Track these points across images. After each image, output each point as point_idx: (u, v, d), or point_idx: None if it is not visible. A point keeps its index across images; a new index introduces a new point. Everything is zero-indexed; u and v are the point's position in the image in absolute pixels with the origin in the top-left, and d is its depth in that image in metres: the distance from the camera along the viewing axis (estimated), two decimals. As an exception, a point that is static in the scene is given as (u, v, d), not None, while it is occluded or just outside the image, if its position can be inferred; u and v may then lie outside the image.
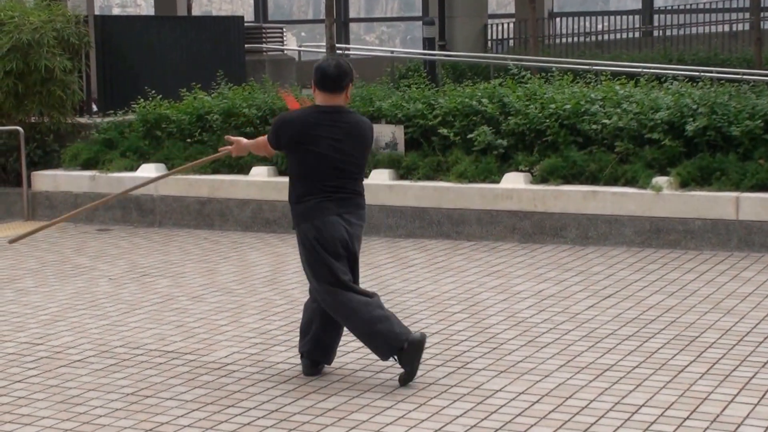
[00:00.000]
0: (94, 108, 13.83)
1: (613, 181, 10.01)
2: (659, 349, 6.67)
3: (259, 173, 11.27)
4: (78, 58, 13.06)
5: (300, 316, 7.59)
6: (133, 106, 12.75)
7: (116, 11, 33.37)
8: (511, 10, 24.42)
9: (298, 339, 6.55)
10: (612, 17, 22.97)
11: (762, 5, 17.62)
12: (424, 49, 18.77)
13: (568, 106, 10.48)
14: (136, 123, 12.45)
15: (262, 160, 11.20)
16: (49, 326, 7.55)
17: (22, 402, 5.97)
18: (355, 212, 6.17)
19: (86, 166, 12.21)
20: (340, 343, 6.96)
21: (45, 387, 6.21)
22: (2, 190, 12.64)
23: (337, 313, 6.14)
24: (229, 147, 6.70)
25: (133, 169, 11.88)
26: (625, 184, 9.95)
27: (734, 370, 6.22)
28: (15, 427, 5.58)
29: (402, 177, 10.84)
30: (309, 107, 6.29)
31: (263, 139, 6.44)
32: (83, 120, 13.26)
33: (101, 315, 7.83)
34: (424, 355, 6.60)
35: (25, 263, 9.73)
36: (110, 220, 11.79)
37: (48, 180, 12.23)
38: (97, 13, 14.29)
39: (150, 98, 12.61)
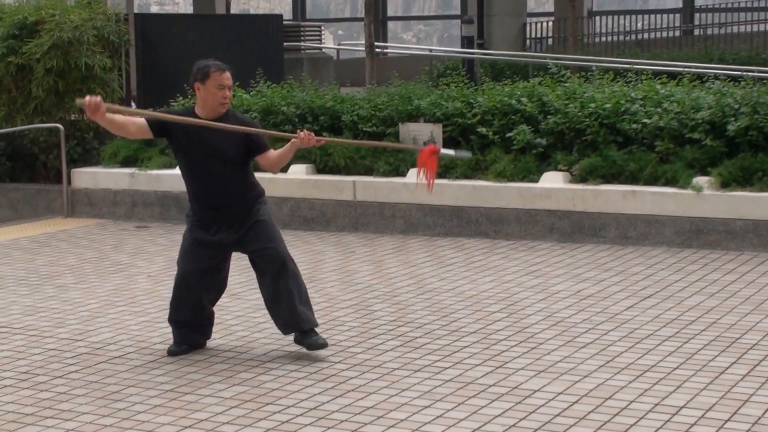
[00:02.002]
0: (134, 106, 13.89)
1: (653, 181, 9.94)
2: (700, 350, 6.62)
3: (298, 171, 11.29)
4: (118, 56, 13.15)
5: (339, 314, 7.60)
6: (172, 103, 12.80)
7: (154, 9, 33.53)
8: (550, 8, 24.32)
9: (316, 331, 6.61)
10: (652, 16, 22.84)
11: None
12: (462, 47, 18.74)
13: (608, 106, 10.43)
14: (175, 121, 12.48)
15: (301, 159, 11.21)
16: (88, 322, 7.59)
17: (62, 398, 6.01)
18: None
19: (125, 163, 12.29)
20: (381, 341, 6.97)
21: (85, 383, 6.24)
22: (42, 187, 12.74)
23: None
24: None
25: (172, 166, 11.91)
26: (665, 184, 9.88)
27: (776, 372, 6.18)
28: (56, 423, 5.62)
29: (440, 176, 10.80)
30: None
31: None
32: (123, 117, 13.31)
33: (140, 312, 7.87)
34: (463, 354, 6.60)
35: (65, 260, 9.80)
36: (149, 217, 11.85)
37: (88, 177, 12.30)
38: (136, 11, 14.33)
39: (189, 96, 12.65)
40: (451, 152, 7.31)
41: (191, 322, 6.77)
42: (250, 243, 6.61)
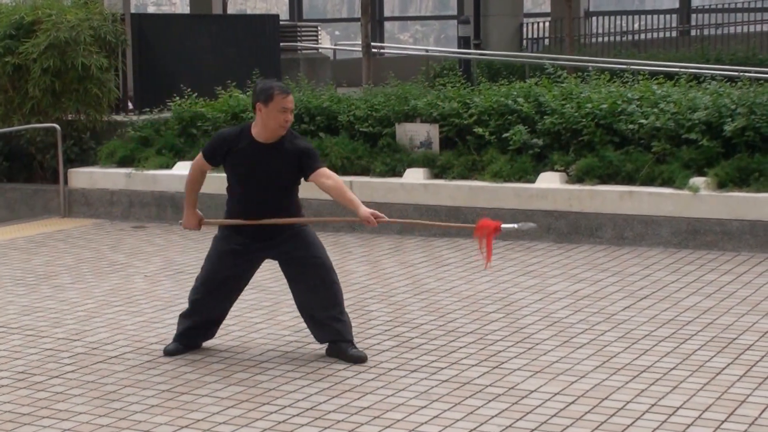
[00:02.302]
0: (130, 106, 13.90)
1: (650, 182, 9.95)
2: (696, 350, 6.62)
3: (294, 171, 11.28)
4: (114, 56, 13.14)
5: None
6: (168, 104, 12.81)
7: (151, 9, 33.54)
8: (547, 9, 24.34)
9: (354, 343, 6.61)
10: (649, 16, 22.86)
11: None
12: (459, 47, 18.74)
13: (604, 106, 10.43)
14: (171, 121, 12.51)
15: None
16: (85, 322, 7.59)
17: (59, 397, 6.01)
18: None
19: (122, 163, 12.28)
20: (378, 341, 6.96)
21: (82, 383, 6.25)
22: (39, 187, 12.73)
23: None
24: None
25: (169, 167, 11.93)
26: (661, 185, 9.89)
27: (772, 372, 6.19)
28: (52, 422, 5.62)
29: (437, 176, 10.83)
30: None
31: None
32: (119, 118, 13.33)
33: (137, 312, 7.87)
34: (459, 355, 6.60)
35: (62, 259, 9.79)
36: (145, 218, 11.84)
37: (84, 177, 12.30)
38: (132, 11, 14.32)
39: (185, 96, 12.66)
40: (513, 226, 6.72)
41: (200, 323, 6.76)
42: (297, 250, 6.54)
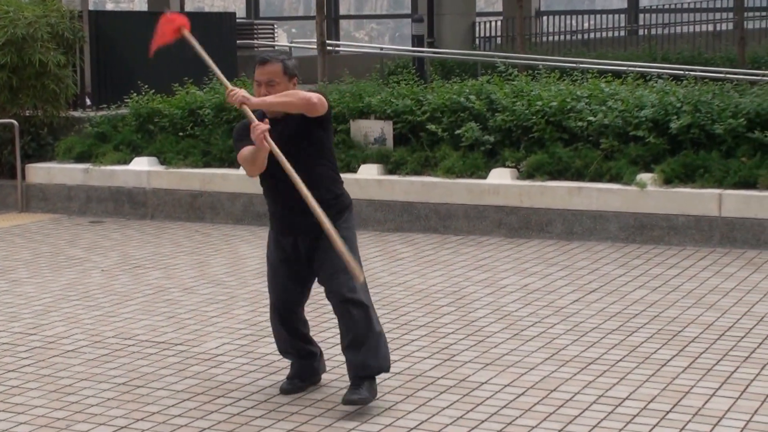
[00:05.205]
0: (88, 102, 13.88)
1: (598, 178, 10.12)
2: (642, 343, 6.76)
3: (250, 168, 11.34)
4: (72, 52, 13.13)
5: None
6: (126, 100, 12.83)
7: (109, 6, 33.36)
8: (499, 8, 24.50)
9: None
10: (598, 16, 23.06)
11: (745, 5, 17.67)
12: (413, 46, 18.85)
13: (554, 104, 10.59)
14: (129, 117, 12.53)
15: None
16: (42, 316, 7.63)
17: (15, 391, 6.04)
18: None
19: (80, 159, 12.29)
20: (332, 335, 7.03)
21: (38, 377, 6.28)
22: (-4, 182, 12.71)
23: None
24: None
25: (126, 162, 11.96)
26: (610, 181, 10.06)
27: (716, 364, 6.31)
28: (8, 416, 5.66)
29: (390, 172, 10.94)
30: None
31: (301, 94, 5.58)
32: (77, 114, 13.32)
33: (94, 306, 7.92)
34: (411, 348, 6.72)
35: (19, 254, 9.81)
36: (103, 213, 11.86)
37: (42, 172, 12.30)
38: (91, 8, 14.29)
39: (143, 93, 12.68)
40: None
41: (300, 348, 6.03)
42: (319, 262, 5.78)
